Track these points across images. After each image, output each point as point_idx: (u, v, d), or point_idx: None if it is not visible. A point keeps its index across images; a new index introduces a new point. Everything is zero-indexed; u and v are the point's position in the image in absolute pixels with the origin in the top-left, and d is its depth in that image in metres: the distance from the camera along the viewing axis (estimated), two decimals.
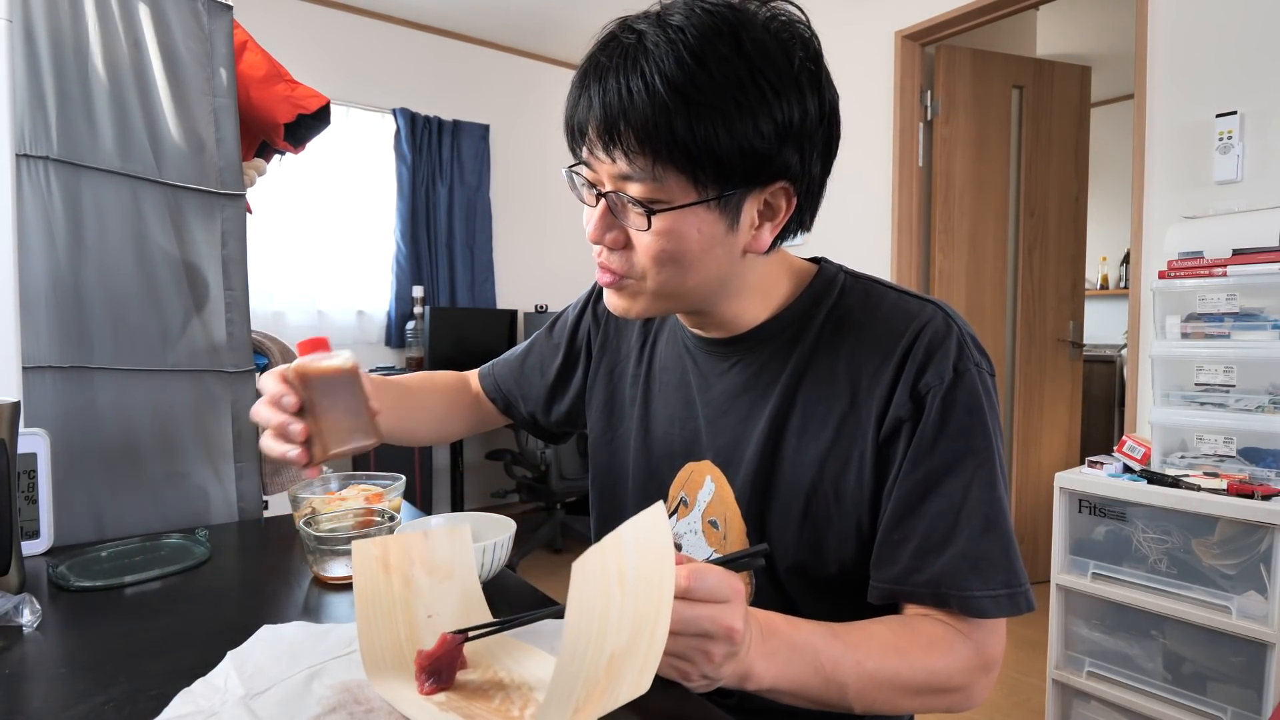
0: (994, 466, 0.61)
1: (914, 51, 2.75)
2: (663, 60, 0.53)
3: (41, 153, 0.96)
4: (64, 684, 0.57)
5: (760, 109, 0.54)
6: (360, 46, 3.47)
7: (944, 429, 0.60)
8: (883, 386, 0.62)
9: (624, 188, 0.57)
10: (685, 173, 0.55)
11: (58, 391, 0.98)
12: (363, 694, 0.54)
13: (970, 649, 0.59)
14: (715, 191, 0.56)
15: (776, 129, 0.55)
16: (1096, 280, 4.54)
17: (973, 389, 0.61)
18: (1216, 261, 1.70)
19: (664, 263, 0.59)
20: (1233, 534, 1.52)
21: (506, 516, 0.83)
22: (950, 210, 2.75)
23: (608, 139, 0.55)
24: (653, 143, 0.54)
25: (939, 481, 0.60)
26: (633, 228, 0.59)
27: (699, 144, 0.53)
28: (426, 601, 0.62)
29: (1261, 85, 1.87)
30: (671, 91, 0.52)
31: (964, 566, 0.59)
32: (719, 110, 0.53)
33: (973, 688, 0.59)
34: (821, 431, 0.65)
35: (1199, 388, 1.72)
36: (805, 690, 0.54)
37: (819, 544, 0.65)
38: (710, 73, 0.53)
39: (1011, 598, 0.59)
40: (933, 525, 0.60)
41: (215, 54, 1.11)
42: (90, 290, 1.01)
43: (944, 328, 0.63)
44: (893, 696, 0.57)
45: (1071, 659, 1.77)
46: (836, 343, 0.66)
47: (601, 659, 0.43)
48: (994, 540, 0.59)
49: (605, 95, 0.55)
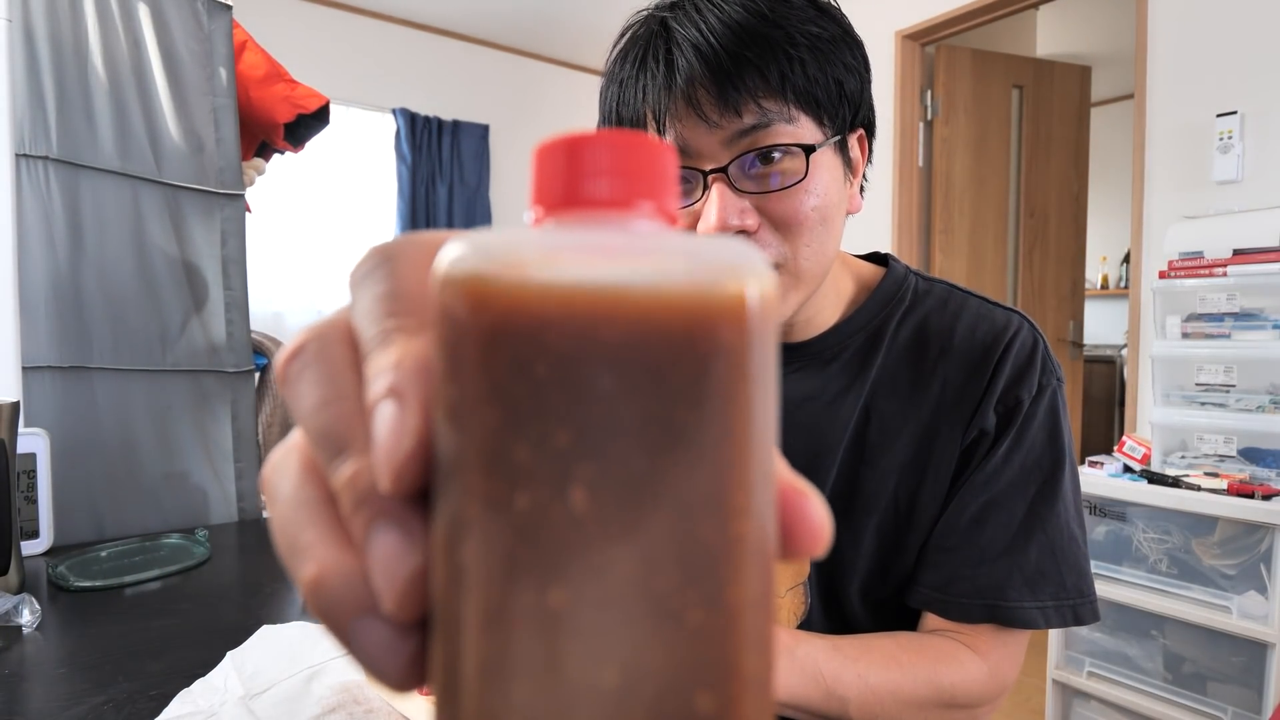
0: (1062, 482, 0.59)
1: (914, 51, 2.75)
2: (731, 7, 0.48)
3: (41, 153, 0.96)
4: (63, 684, 0.57)
5: (835, 41, 0.50)
6: (360, 46, 3.47)
7: (1020, 443, 0.59)
8: (970, 400, 0.59)
9: (744, 147, 0.49)
10: (810, 111, 0.49)
11: (58, 391, 0.98)
12: (362, 694, 0.54)
13: (983, 669, 0.57)
14: (834, 133, 0.50)
15: (846, 64, 0.51)
16: (1097, 280, 4.54)
17: (1053, 405, 0.60)
18: (1217, 261, 1.70)
19: (816, 224, 0.51)
20: (1233, 534, 1.52)
21: None
22: (950, 210, 2.75)
23: (723, 91, 0.47)
24: (783, 72, 0.47)
25: (1006, 496, 0.58)
26: (766, 198, 0.50)
27: (814, 69, 0.48)
28: None
29: (1262, 85, 1.87)
30: (770, 25, 0.47)
31: (1017, 579, 0.57)
32: (811, 36, 0.49)
33: (980, 708, 0.57)
34: (902, 445, 0.61)
35: (1199, 388, 1.72)
36: (806, 704, 0.53)
37: (891, 563, 0.62)
38: (787, 10, 0.48)
39: (1058, 609, 0.57)
40: (991, 536, 0.58)
41: (215, 54, 1.11)
42: (90, 290, 1.01)
43: (1030, 341, 0.60)
44: (897, 710, 0.55)
45: (1071, 659, 1.77)
46: (919, 355, 0.61)
47: None
48: (1048, 556, 0.58)
49: (693, 51, 0.47)
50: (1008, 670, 0.58)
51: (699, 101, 0.48)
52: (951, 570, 0.58)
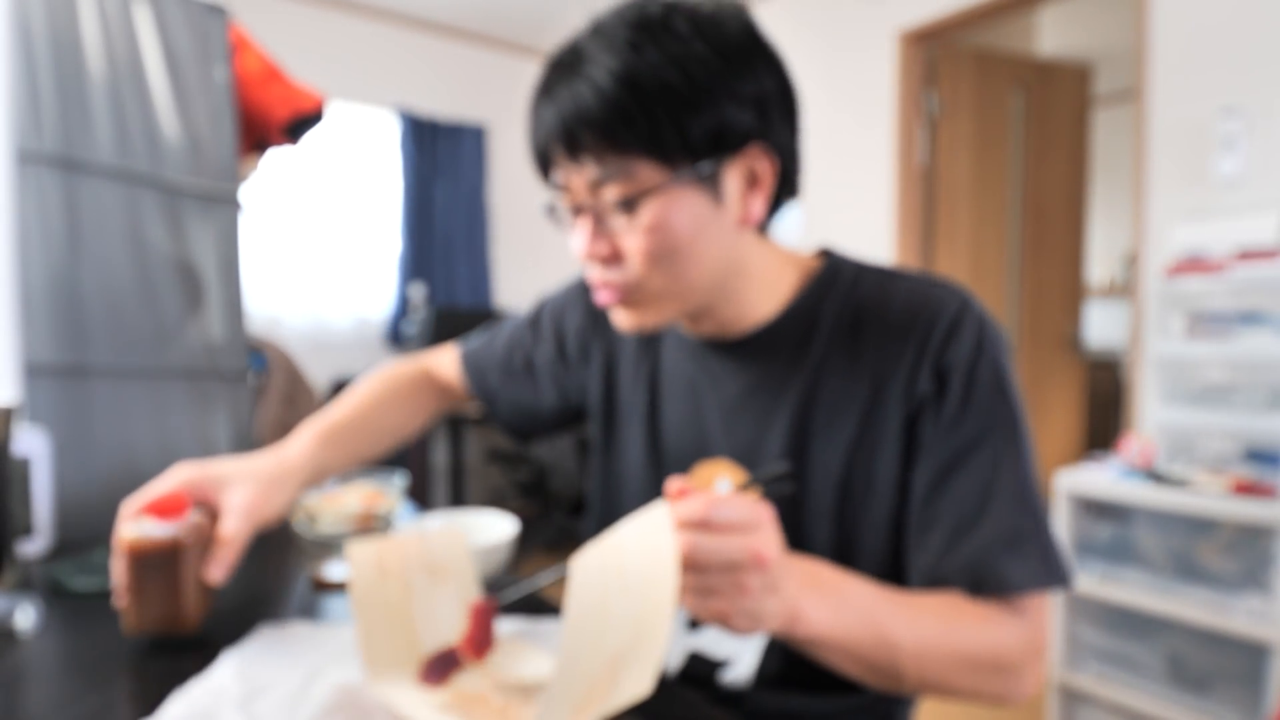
0: (1020, 442, 0.60)
1: (916, 51, 2.75)
2: (602, 59, 0.55)
3: (40, 152, 0.96)
4: (61, 685, 0.57)
5: (705, 78, 0.55)
6: (360, 46, 3.48)
7: (969, 405, 0.59)
8: (906, 368, 0.61)
9: (601, 194, 0.57)
10: (653, 157, 0.55)
11: (57, 392, 0.98)
12: (362, 694, 0.54)
13: (1022, 626, 0.57)
14: (689, 167, 0.56)
15: (729, 93, 0.56)
16: (1099, 280, 4.54)
17: (996, 365, 0.60)
18: (1220, 261, 1.70)
19: (660, 258, 0.58)
20: (1236, 536, 1.51)
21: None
22: (952, 210, 2.75)
23: (571, 148, 0.56)
24: (613, 136, 0.54)
25: (965, 459, 0.59)
26: (621, 232, 0.58)
27: (655, 124, 0.54)
28: (425, 602, 0.61)
29: (1264, 83, 1.87)
30: (616, 83, 0.54)
31: (998, 543, 0.57)
32: (665, 87, 0.54)
33: (1025, 669, 0.56)
34: (846, 423, 0.63)
35: (1202, 388, 1.71)
36: (857, 647, 0.51)
37: (853, 540, 0.63)
38: (647, 58, 0.54)
39: (1048, 569, 0.57)
40: (962, 505, 0.58)
41: (213, 54, 1.11)
42: (88, 290, 1.00)
43: (963, 305, 0.62)
44: (947, 667, 0.54)
45: (1074, 660, 1.77)
46: (854, 333, 0.64)
47: (602, 658, 0.42)
48: (1026, 514, 0.58)
49: (559, 107, 0.56)
50: (1040, 629, 0.58)
51: (561, 156, 0.57)
52: (935, 549, 0.59)
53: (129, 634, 0.63)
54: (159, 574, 0.61)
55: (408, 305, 3.58)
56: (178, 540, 0.62)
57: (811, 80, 3.09)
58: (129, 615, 0.62)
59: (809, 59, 3.10)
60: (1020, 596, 0.57)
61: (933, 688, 0.55)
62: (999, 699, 0.57)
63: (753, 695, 0.67)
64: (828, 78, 3.01)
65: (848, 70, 2.92)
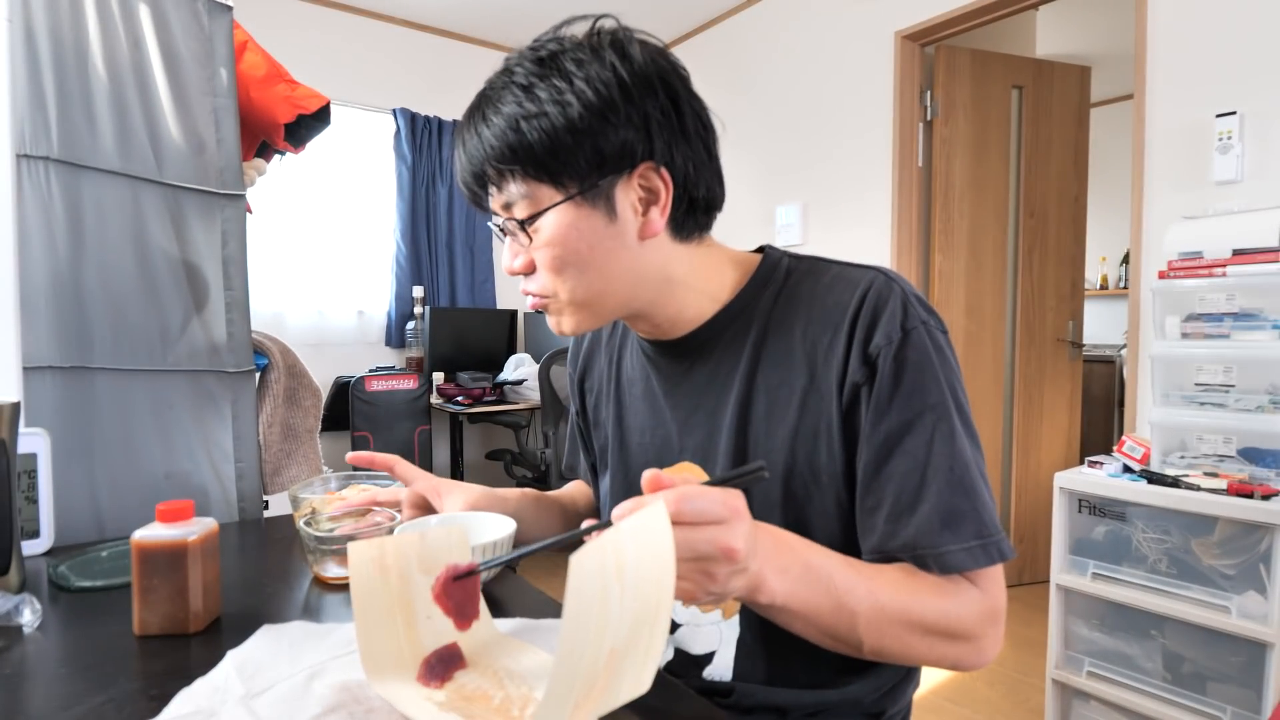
0: (953, 420, 0.61)
1: (914, 52, 2.75)
2: (501, 102, 0.61)
3: (41, 153, 0.97)
4: (64, 684, 0.57)
5: (583, 108, 0.60)
6: (360, 46, 3.48)
7: (898, 388, 0.61)
8: (837, 356, 0.63)
9: (511, 215, 0.64)
10: (544, 181, 0.61)
11: (58, 391, 0.98)
12: (363, 694, 0.54)
13: (977, 595, 0.59)
14: (576, 188, 0.62)
15: (607, 120, 0.60)
16: (1096, 280, 4.54)
17: (921, 345, 0.62)
18: (1216, 261, 1.70)
19: (560, 269, 0.64)
20: (1232, 534, 1.52)
21: (506, 516, 0.83)
22: (950, 211, 2.75)
23: (482, 178, 0.64)
24: (507, 167, 0.61)
25: (899, 441, 0.61)
26: (526, 246, 0.65)
27: (538, 155, 0.60)
28: (425, 602, 0.62)
29: (1261, 85, 1.87)
30: (505, 119, 0.61)
31: (935, 523, 0.59)
32: (544, 118, 0.60)
33: (984, 639, 0.59)
34: (786, 412, 0.66)
35: (1199, 388, 1.72)
36: (816, 614, 0.54)
37: (804, 527, 0.65)
38: (535, 94, 0.60)
39: (984, 548, 0.59)
40: (900, 486, 0.60)
41: (215, 54, 1.11)
42: (90, 290, 1.01)
43: (886, 289, 0.64)
44: (904, 634, 0.56)
45: (1071, 659, 1.77)
46: (788, 322, 0.67)
47: (600, 656, 0.43)
48: (961, 493, 0.59)
49: (467, 144, 0.64)
50: (995, 596, 0.60)
51: (479, 184, 0.65)
52: (880, 531, 0.61)
53: (138, 633, 0.65)
54: (166, 574, 0.65)
55: (408, 305, 3.58)
56: (184, 542, 0.65)
57: (810, 81, 3.09)
58: (137, 614, 0.65)
59: (808, 60, 3.10)
60: (954, 571, 0.59)
61: (891, 655, 0.57)
62: (957, 665, 0.59)
63: (741, 689, 0.68)
64: (826, 78, 3.01)
65: (846, 71, 2.93)
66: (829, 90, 3.00)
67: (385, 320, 3.60)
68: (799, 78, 3.14)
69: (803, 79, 3.12)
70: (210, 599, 0.68)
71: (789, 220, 3.15)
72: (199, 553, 0.67)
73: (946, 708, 2.05)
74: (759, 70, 3.33)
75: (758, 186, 3.35)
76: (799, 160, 3.15)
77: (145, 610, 0.65)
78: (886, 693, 0.70)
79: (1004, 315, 2.87)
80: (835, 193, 2.99)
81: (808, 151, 3.11)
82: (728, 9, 3.45)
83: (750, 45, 3.38)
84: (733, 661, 0.69)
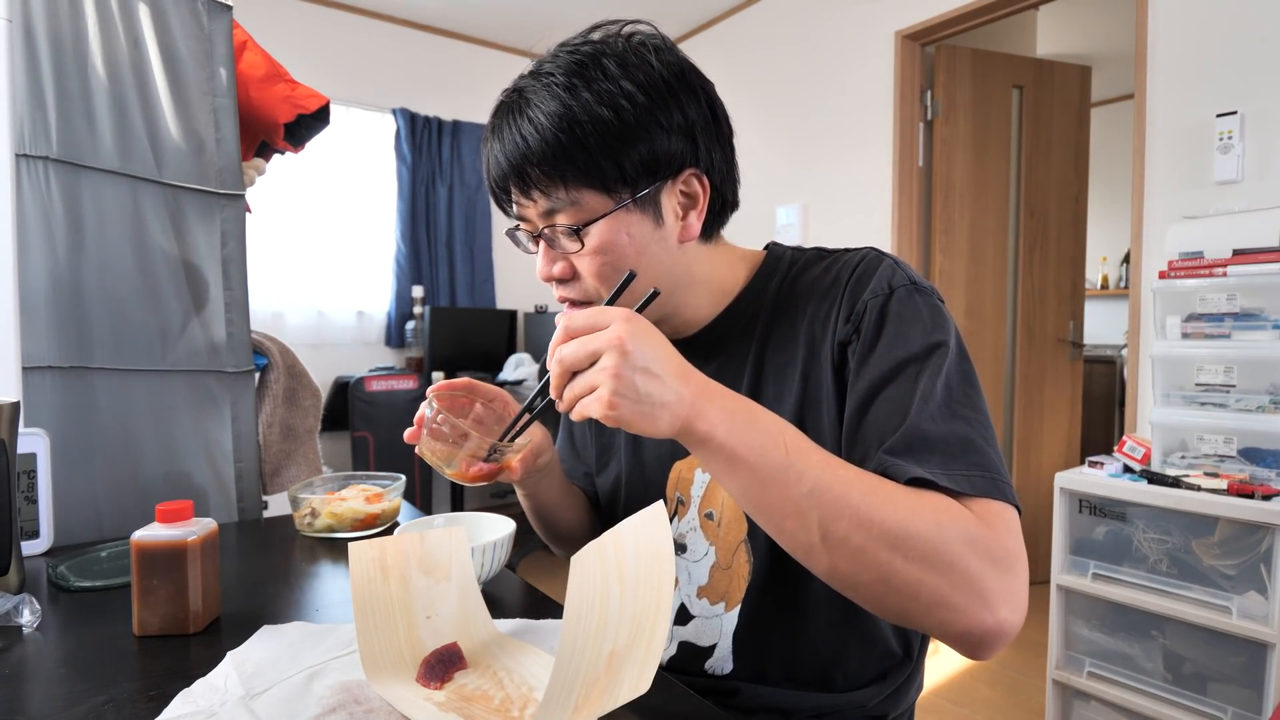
0: (942, 373, 0.57)
1: (914, 51, 2.75)
2: (542, 101, 0.60)
3: (41, 153, 0.96)
4: (64, 684, 0.57)
5: (637, 112, 0.60)
6: (360, 46, 3.47)
7: (880, 338, 0.61)
8: (828, 324, 0.65)
9: (553, 222, 0.63)
10: (596, 188, 0.61)
11: (58, 391, 0.98)
12: (363, 694, 0.54)
13: (968, 519, 0.50)
14: (629, 194, 0.62)
15: (658, 125, 0.61)
16: (1097, 280, 4.54)
17: (908, 300, 0.62)
18: (1217, 261, 1.70)
19: (609, 276, 0.63)
20: (1233, 534, 1.52)
21: (506, 517, 0.83)
22: (950, 211, 2.75)
23: (522, 184, 0.62)
24: (557, 172, 0.60)
25: (884, 388, 0.59)
26: (573, 255, 0.64)
27: (594, 159, 0.60)
28: (425, 602, 0.62)
29: (1262, 85, 1.87)
30: (555, 124, 0.59)
31: (901, 447, 0.54)
32: (601, 124, 0.59)
33: (983, 580, 0.47)
34: (791, 387, 0.67)
35: (1199, 388, 1.72)
36: (764, 462, 0.49)
37: None
38: (582, 98, 0.59)
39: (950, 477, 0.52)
40: (882, 428, 0.57)
41: (215, 54, 1.11)
42: (90, 290, 1.01)
43: (876, 260, 0.66)
44: (859, 531, 0.48)
45: (1072, 659, 1.77)
46: (792, 307, 0.69)
47: (601, 656, 0.43)
48: (943, 421, 0.55)
49: (505, 147, 0.62)
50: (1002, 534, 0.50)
51: (514, 190, 0.64)
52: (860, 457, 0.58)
53: (137, 633, 0.66)
54: (165, 575, 0.65)
55: (408, 305, 3.58)
56: (184, 542, 0.66)
57: (810, 81, 3.09)
58: (137, 614, 0.66)
59: (808, 60, 3.10)
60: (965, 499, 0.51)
61: (854, 567, 0.48)
62: (951, 610, 0.47)
63: (744, 689, 0.68)
64: (827, 78, 3.01)
65: (846, 71, 2.93)
66: (829, 90, 3.00)
67: (385, 320, 3.60)
68: (799, 78, 3.14)
69: (803, 79, 3.12)
70: (210, 599, 0.68)
71: (789, 220, 3.15)
72: (199, 553, 0.67)
73: (946, 708, 2.04)
74: (759, 70, 3.32)
75: (758, 187, 3.35)
76: (799, 160, 3.15)
77: (145, 610, 0.66)
78: (889, 696, 0.70)
79: (1004, 315, 2.87)
80: (835, 193, 2.99)
81: (808, 152, 3.11)
82: (728, 9, 3.45)
83: (750, 45, 3.38)
84: (731, 653, 0.70)
